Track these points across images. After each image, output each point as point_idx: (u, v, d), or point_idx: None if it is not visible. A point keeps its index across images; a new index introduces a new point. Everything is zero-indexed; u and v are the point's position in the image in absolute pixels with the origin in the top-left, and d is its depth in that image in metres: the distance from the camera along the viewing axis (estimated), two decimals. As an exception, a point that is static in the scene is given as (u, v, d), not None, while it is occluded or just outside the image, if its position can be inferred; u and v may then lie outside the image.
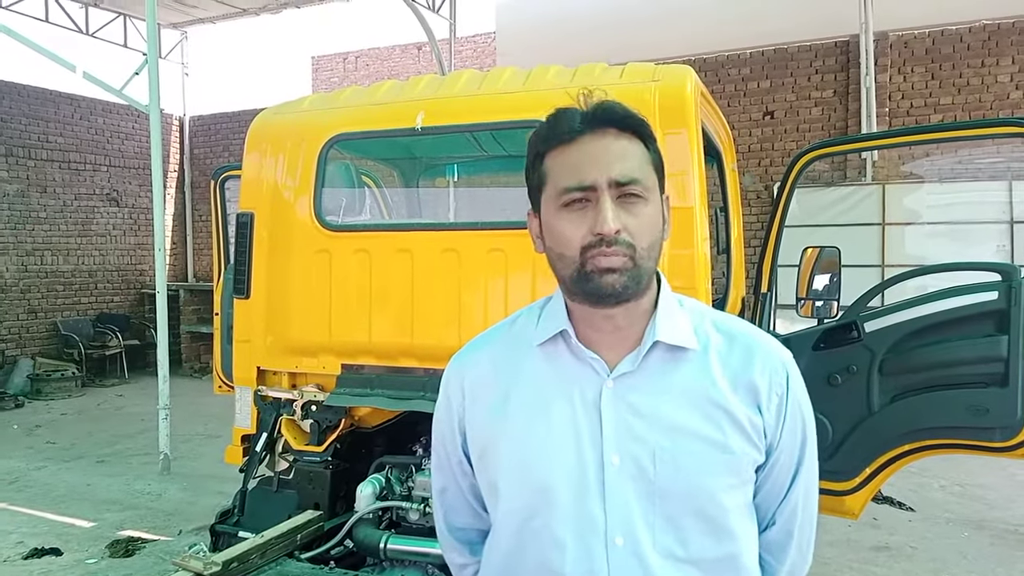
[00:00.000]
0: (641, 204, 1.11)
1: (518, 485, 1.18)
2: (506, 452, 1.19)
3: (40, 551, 4.77)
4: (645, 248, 1.10)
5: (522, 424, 1.18)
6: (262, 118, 3.42)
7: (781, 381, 1.19)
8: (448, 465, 1.33)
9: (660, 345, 1.16)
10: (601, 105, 1.13)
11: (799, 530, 1.26)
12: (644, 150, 1.14)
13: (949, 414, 3.07)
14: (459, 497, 1.35)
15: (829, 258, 3.38)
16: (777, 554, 1.26)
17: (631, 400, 1.14)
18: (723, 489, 1.13)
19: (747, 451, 1.15)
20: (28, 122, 11.29)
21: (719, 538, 1.14)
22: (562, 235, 1.12)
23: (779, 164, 9.46)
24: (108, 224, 12.38)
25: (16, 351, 10.99)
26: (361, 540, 2.84)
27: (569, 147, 1.12)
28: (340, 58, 18.94)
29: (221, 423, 7.24)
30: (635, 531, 1.12)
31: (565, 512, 1.14)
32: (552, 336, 1.19)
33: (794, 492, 1.23)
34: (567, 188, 1.10)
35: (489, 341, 1.30)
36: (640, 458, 1.12)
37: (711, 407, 1.14)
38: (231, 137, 13.17)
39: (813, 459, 1.25)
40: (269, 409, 3.24)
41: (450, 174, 4.44)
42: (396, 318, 3.01)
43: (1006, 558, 4.63)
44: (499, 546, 1.24)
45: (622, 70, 2.92)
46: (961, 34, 8.88)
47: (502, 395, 1.21)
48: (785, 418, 1.19)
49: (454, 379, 1.29)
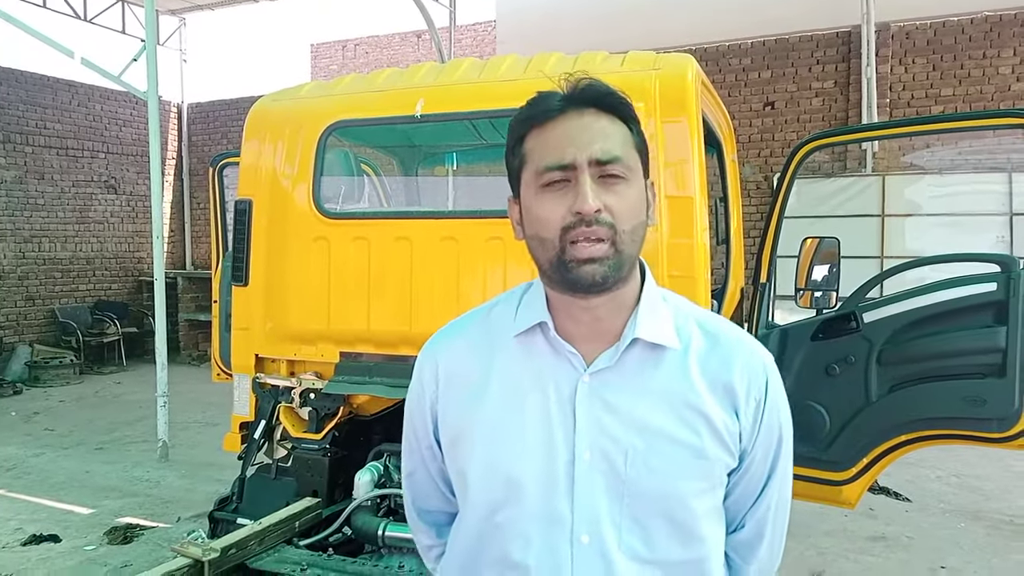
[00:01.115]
0: (623, 184, 1.07)
1: (487, 476, 1.16)
2: (477, 442, 1.17)
3: (38, 537, 4.78)
4: (627, 231, 1.06)
5: (495, 415, 1.16)
6: (260, 105, 3.40)
7: (760, 386, 1.16)
8: (418, 449, 1.32)
9: (640, 342, 1.13)
10: (581, 83, 1.10)
11: (770, 533, 1.24)
12: (626, 131, 1.10)
13: (946, 405, 3.08)
14: (428, 481, 1.34)
15: (828, 248, 3.38)
16: (745, 555, 1.25)
17: (607, 397, 1.12)
18: (694, 493, 1.11)
19: (721, 456, 1.13)
20: (26, 108, 11.25)
21: (686, 541, 1.12)
22: (541, 217, 1.08)
23: (779, 154, 9.44)
24: (106, 211, 12.35)
25: (14, 338, 10.98)
26: (359, 527, 2.85)
27: (548, 126, 1.09)
28: (339, 46, 18.87)
29: (220, 411, 7.26)
30: (601, 530, 1.10)
31: (532, 507, 1.12)
32: (530, 327, 1.16)
33: (766, 496, 1.22)
34: (546, 167, 1.07)
35: (466, 328, 1.27)
36: (612, 456, 1.10)
37: (688, 410, 1.12)
38: (229, 124, 13.12)
39: (787, 464, 1.23)
40: (267, 397, 3.25)
41: (449, 162, 4.43)
42: (395, 306, 3.01)
43: (1002, 548, 4.65)
44: (465, 534, 1.22)
45: (623, 58, 2.91)
46: (963, 25, 8.85)
47: (477, 384, 1.19)
48: (761, 424, 1.16)
49: (428, 365, 1.26)
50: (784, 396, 1.21)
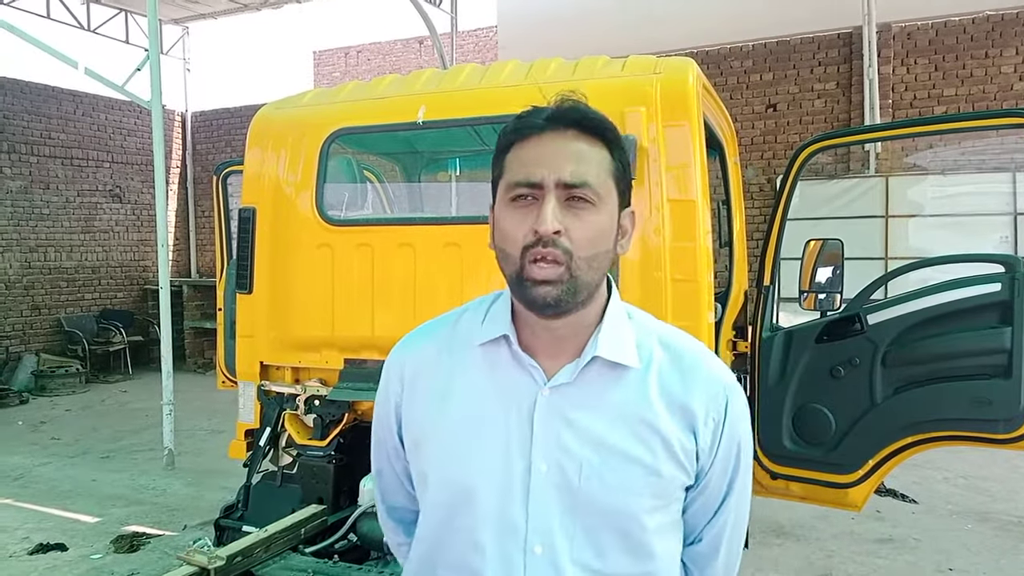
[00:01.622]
0: (590, 210, 1.07)
1: (445, 481, 1.18)
2: (437, 447, 1.19)
3: (45, 546, 4.79)
4: (584, 258, 1.06)
5: (455, 422, 1.17)
6: (263, 113, 3.42)
7: (719, 406, 1.16)
8: (384, 448, 1.35)
9: (599, 360, 1.13)
10: (566, 103, 1.11)
11: (726, 549, 1.25)
12: (606, 156, 1.10)
13: (952, 406, 3.07)
14: (394, 479, 1.37)
15: (832, 250, 3.37)
16: (702, 567, 1.27)
17: (565, 411, 1.12)
18: (646, 510, 1.12)
19: (676, 475, 1.14)
20: (31, 118, 11.30)
21: (637, 556, 1.13)
22: (505, 230, 1.09)
23: (782, 157, 9.43)
24: (111, 220, 12.39)
25: (20, 347, 11.01)
26: (365, 534, 2.85)
27: (528, 142, 1.10)
28: (342, 53, 18.91)
29: (225, 418, 7.26)
30: (554, 541, 1.11)
31: (486, 515, 1.13)
32: (494, 338, 1.17)
33: (723, 514, 1.23)
34: (516, 182, 1.08)
35: (433, 333, 1.28)
36: (566, 469, 1.11)
37: (644, 428, 1.12)
38: (233, 133, 13.16)
39: (745, 481, 1.24)
40: (272, 404, 3.25)
41: (452, 168, 4.44)
42: (398, 312, 3.01)
43: (1010, 550, 4.63)
44: (425, 535, 1.24)
45: (624, 63, 2.91)
46: (964, 25, 8.84)
47: (439, 390, 1.20)
48: (720, 443, 1.17)
49: (395, 367, 1.28)
50: (745, 415, 1.21)
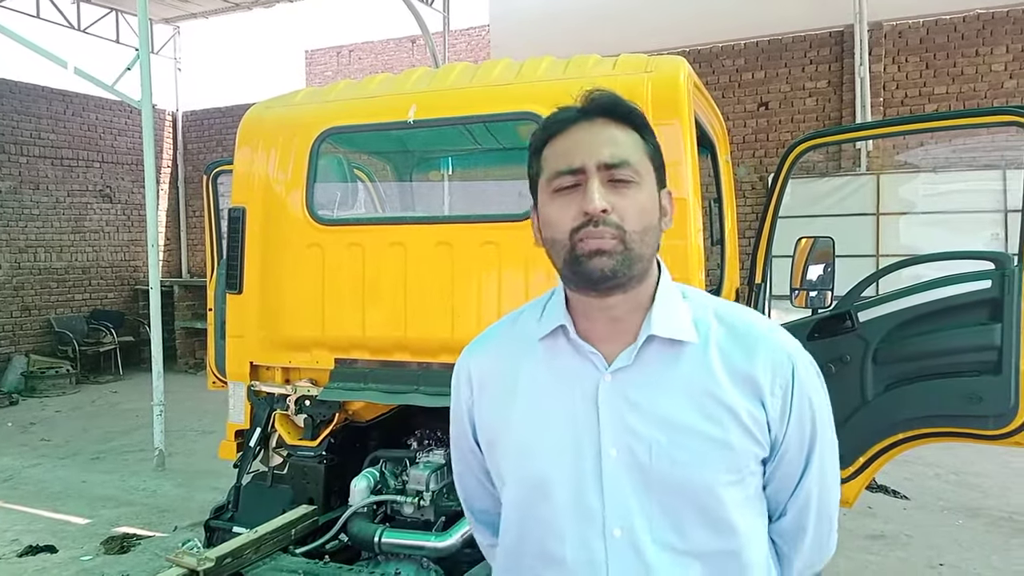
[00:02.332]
0: (633, 188, 1.11)
1: (519, 477, 1.22)
2: (510, 444, 1.22)
3: (35, 548, 4.76)
4: (636, 231, 1.10)
5: (524, 418, 1.21)
6: (253, 112, 3.40)
7: (786, 374, 1.16)
8: (462, 453, 1.38)
9: (657, 339, 1.15)
10: (594, 95, 1.15)
11: (814, 524, 1.23)
12: (638, 139, 1.15)
13: (943, 402, 3.07)
14: (475, 482, 1.40)
15: (823, 248, 3.38)
16: (791, 542, 1.25)
17: (628, 394, 1.14)
18: (721, 484, 1.12)
19: (748, 447, 1.13)
20: (20, 118, 11.23)
21: (718, 531, 1.13)
22: (552, 219, 1.13)
23: (773, 155, 9.45)
24: (101, 220, 12.33)
25: (10, 348, 10.95)
26: (356, 534, 2.83)
27: (562, 136, 1.14)
28: (334, 52, 18.88)
29: (216, 419, 7.22)
30: (632, 523, 1.12)
31: (564, 504, 1.15)
32: (552, 330, 1.20)
33: (805, 484, 1.21)
34: (558, 172, 1.12)
35: (495, 335, 1.33)
36: (636, 451, 1.12)
37: (711, 402, 1.13)
38: (224, 132, 13.12)
39: (828, 451, 1.22)
40: (262, 404, 3.23)
41: (443, 167, 4.42)
42: (389, 312, 3.00)
43: (1001, 545, 4.65)
44: (507, 531, 1.27)
45: (615, 61, 2.90)
46: (955, 23, 8.87)
47: (506, 389, 1.24)
48: (791, 413, 1.16)
49: (463, 372, 1.32)
50: (817, 384, 1.21)
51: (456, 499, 2.80)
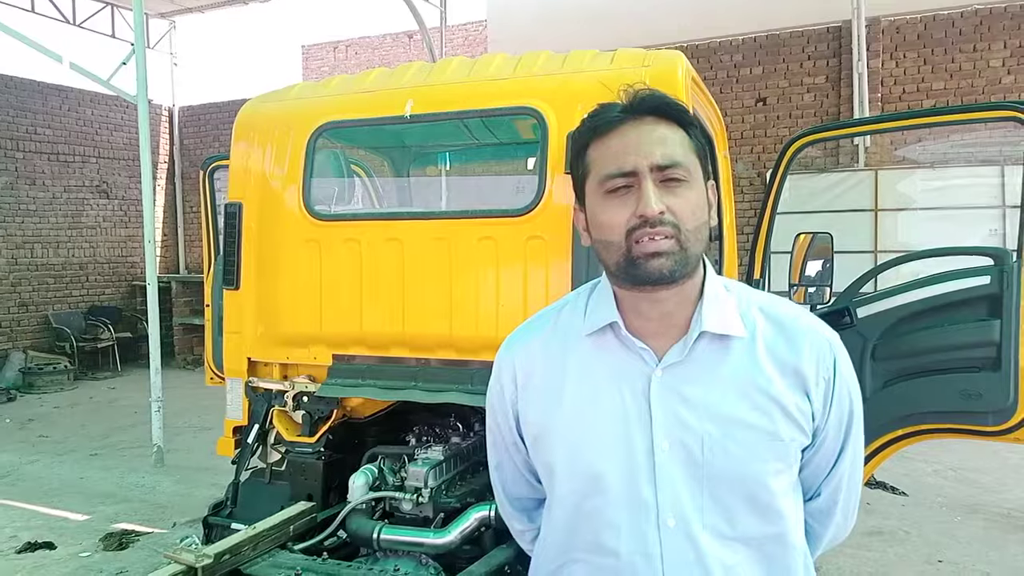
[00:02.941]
0: (684, 187, 1.13)
1: (572, 470, 1.23)
2: (560, 439, 1.24)
3: (34, 545, 4.75)
4: (691, 230, 1.12)
5: (574, 413, 1.22)
6: (249, 107, 3.38)
7: (829, 365, 1.20)
8: (503, 444, 1.40)
9: (707, 334, 1.18)
10: (639, 94, 1.16)
11: (844, 499, 1.30)
12: (685, 136, 1.16)
13: (942, 399, 3.07)
14: (514, 471, 1.42)
15: (822, 244, 3.37)
16: (822, 520, 1.31)
17: (680, 389, 1.17)
18: (771, 473, 1.17)
19: (795, 437, 1.18)
20: (16, 114, 11.19)
21: (767, 518, 1.18)
22: (606, 222, 1.14)
23: (771, 151, 9.45)
24: (98, 216, 12.30)
25: (8, 345, 10.93)
26: (354, 531, 2.82)
27: (610, 136, 1.15)
28: (331, 47, 18.81)
29: (214, 415, 7.22)
30: (685, 513, 1.16)
31: (618, 496, 1.18)
32: (601, 327, 1.22)
33: (840, 466, 1.27)
34: (609, 175, 1.13)
35: (538, 329, 1.33)
36: (689, 445, 1.16)
37: (760, 395, 1.16)
38: (221, 127, 13.09)
39: (859, 434, 1.28)
40: (260, 400, 3.22)
41: (441, 162, 4.41)
42: (387, 308, 2.99)
43: (999, 542, 4.66)
44: (557, 522, 1.29)
45: (612, 56, 2.89)
46: (953, 19, 8.87)
47: (553, 384, 1.26)
48: (832, 401, 1.21)
49: (507, 366, 1.33)
50: (852, 370, 1.25)
51: (455, 496, 2.80)
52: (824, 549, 1.36)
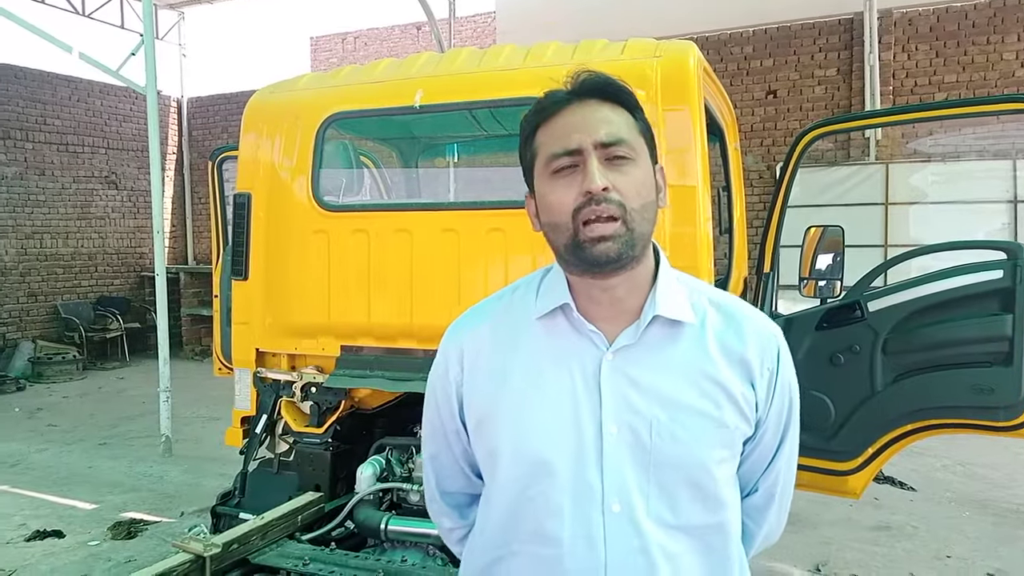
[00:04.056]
0: (630, 164, 1.13)
1: (517, 455, 1.20)
2: (505, 422, 1.21)
3: (42, 533, 4.78)
4: (636, 209, 1.12)
5: (521, 395, 1.20)
6: (258, 97, 3.38)
7: (773, 356, 1.22)
8: (442, 432, 1.36)
9: (659, 319, 1.18)
10: (582, 76, 1.17)
11: (779, 495, 1.32)
12: (629, 117, 1.17)
13: (952, 394, 3.05)
14: (452, 463, 1.38)
15: (833, 237, 3.34)
16: (756, 517, 1.32)
17: (630, 373, 1.17)
18: (716, 461, 1.17)
19: (740, 425, 1.19)
20: (25, 104, 11.22)
21: (709, 506, 1.17)
22: (553, 202, 1.14)
23: (782, 143, 9.39)
24: (107, 207, 12.33)
25: (17, 334, 10.99)
26: (362, 521, 2.83)
27: (555, 118, 1.16)
28: (339, 38, 18.79)
29: (222, 405, 7.24)
30: (631, 498, 1.15)
31: (563, 481, 1.16)
32: (552, 309, 1.21)
33: (778, 461, 1.28)
34: (555, 154, 1.14)
35: (488, 312, 1.31)
36: (637, 429, 1.15)
37: (707, 382, 1.17)
38: (230, 119, 13.09)
39: (796, 431, 1.30)
40: (268, 391, 3.23)
41: (449, 154, 4.40)
42: (395, 299, 2.99)
43: (1008, 537, 4.64)
44: (495, 513, 1.26)
45: (623, 46, 2.87)
46: (966, 11, 8.78)
47: (501, 367, 1.23)
48: (774, 393, 1.23)
49: (452, 349, 1.30)
50: (792, 367, 1.27)
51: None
52: (758, 550, 1.36)
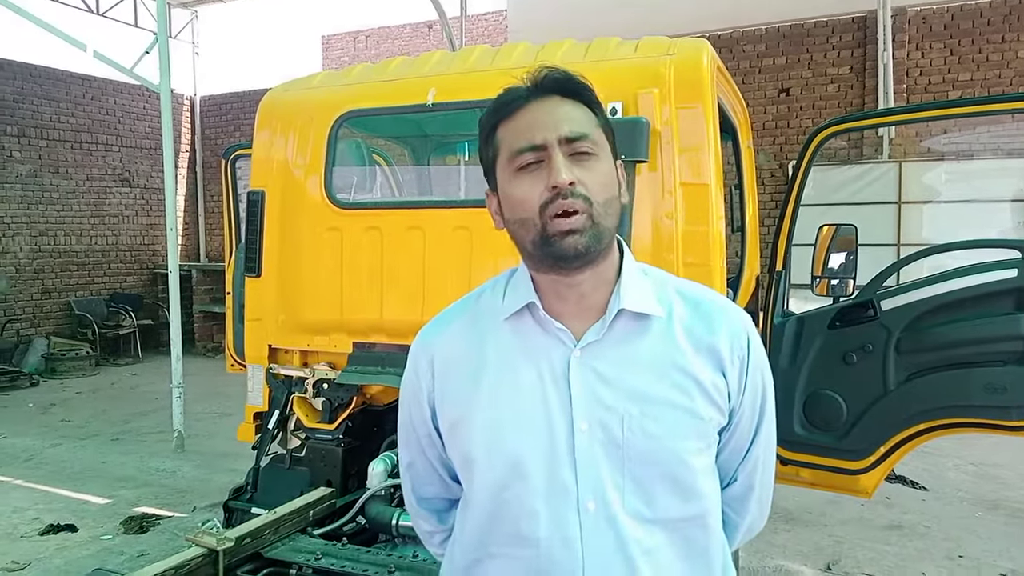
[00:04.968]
0: (593, 160, 1.13)
1: (491, 457, 1.20)
2: (478, 425, 1.21)
3: (56, 527, 4.82)
4: (601, 203, 1.12)
5: (492, 397, 1.20)
6: (272, 96, 3.39)
7: (743, 344, 1.22)
8: (416, 439, 1.36)
9: (625, 313, 1.18)
10: (543, 72, 1.17)
11: (759, 484, 1.31)
12: (590, 113, 1.17)
13: (965, 393, 3.04)
14: (427, 469, 1.38)
15: (846, 236, 3.33)
16: (738, 508, 1.31)
17: (598, 368, 1.16)
18: (691, 453, 1.16)
19: (713, 415, 1.18)
20: (40, 102, 11.30)
21: (686, 499, 1.17)
22: (519, 198, 1.14)
23: (794, 142, 9.35)
24: (120, 204, 12.41)
25: (31, 330, 11.07)
26: (373, 517, 2.84)
27: (517, 115, 1.16)
28: (350, 37, 18.81)
29: (234, 401, 7.28)
30: (605, 495, 1.14)
31: (537, 481, 1.16)
32: (519, 309, 1.21)
33: (755, 449, 1.28)
34: (519, 150, 1.13)
35: (455, 316, 1.32)
36: (609, 425, 1.14)
37: (677, 373, 1.17)
38: (242, 117, 13.15)
39: (772, 417, 1.30)
40: (281, 387, 3.25)
41: (461, 151, 4.40)
42: (407, 296, 3.00)
43: (1020, 537, 4.61)
44: (473, 516, 1.25)
45: (637, 44, 2.87)
46: (981, 9, 8.72)
47: (471, 370, 1.23)
48: (746, 381, 1.22)
49: (422, 355, 1.30)
50: (764, 354, 1.27)
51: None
52: (742, 541, 1.36)
